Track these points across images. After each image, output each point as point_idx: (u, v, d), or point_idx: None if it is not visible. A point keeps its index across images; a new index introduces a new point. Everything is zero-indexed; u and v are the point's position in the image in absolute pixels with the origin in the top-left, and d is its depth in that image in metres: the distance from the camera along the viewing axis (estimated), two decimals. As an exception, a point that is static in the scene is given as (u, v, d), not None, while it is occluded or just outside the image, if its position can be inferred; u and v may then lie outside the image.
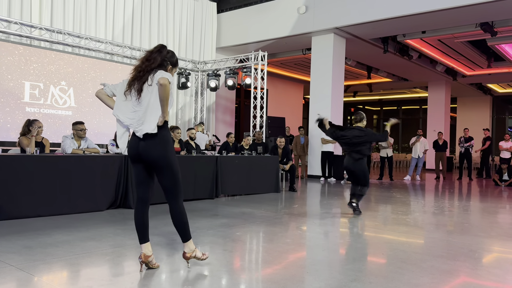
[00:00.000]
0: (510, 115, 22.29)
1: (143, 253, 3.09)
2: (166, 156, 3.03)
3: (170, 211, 3.12)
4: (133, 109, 3.03)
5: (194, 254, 3.17)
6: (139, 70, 3.03)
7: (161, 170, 3.05)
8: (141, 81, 2.99)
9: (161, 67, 3.06)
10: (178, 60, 3.24)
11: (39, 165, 5.17)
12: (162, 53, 3.08)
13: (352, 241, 4.43)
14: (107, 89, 3.19)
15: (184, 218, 3.13)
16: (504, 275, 3.31)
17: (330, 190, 9.38)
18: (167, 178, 3.06)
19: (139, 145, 3.03)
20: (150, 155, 3.02)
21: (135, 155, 3.08)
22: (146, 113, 2.98)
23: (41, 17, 9.48)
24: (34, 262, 3.27)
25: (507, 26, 11.02)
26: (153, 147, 3.00)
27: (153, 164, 3.06)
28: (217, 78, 12.48)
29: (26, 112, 8.77)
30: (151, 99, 2.97)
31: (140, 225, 3.13)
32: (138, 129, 3.01)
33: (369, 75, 16.68)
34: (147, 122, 2.97)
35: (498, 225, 5.60)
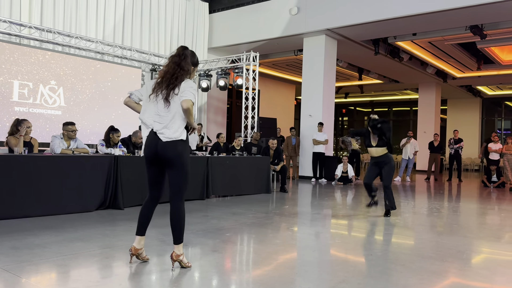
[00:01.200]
0: (499, 117, 22.53)
1: (133, 246, 3.23)
2: (182, 156, 3.13)
3: (171, 211, 3.18)
4: (158, 112, 3.13)
5: (181, 258, 3.19)
6: (171, 76, 3.11)
7: (175, 168, 3.13)
8: (169, 88, 3.09)
9: (188, 74, 3.18)
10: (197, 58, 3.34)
11: (27, 165, 5.11)
12: (189, 57, 3.18)
13: (342, 242, 4.44)
14: (134, 96, 3.31)
15: (182, 220, 3.20)
16: (491, 276, 3.34)
17: (321, 191, 9.40)
18: (179, 177, 3.15)
19: (157, 144, 3.11)
20: (167, 154, 3.10)
21: (153, 154, 3.15)
22: (172, 120, 3.09)
23: (30, 15, 9.38)
24: (21, 263, 3.23)
25: (496, 29, 11.13)
26: (171, 147, 3.09)
27: (168, 163, 3.14)
28: (209, 79, 12.45)
29: (15, 111, 8.68)
30: (177, 109, 3.09)
31: (144, 218, 3.27)
32: (161, 132, 3.10)
33: (360, 77, 16.76)
34: (172, 128, 3.08)
35: (487, 226, 5.65)
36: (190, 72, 3.21)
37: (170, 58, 3.20)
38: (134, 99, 3.30)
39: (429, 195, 9.49)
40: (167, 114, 3.09)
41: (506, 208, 7.52)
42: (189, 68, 3.18)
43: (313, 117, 12.12)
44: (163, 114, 3.11)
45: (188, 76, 3.20)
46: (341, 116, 26.99)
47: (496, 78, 17.51)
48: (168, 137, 3.08)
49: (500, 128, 22.36)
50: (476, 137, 22.09)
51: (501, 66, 15.65)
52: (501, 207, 7.60)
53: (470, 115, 22.38)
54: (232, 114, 17.57)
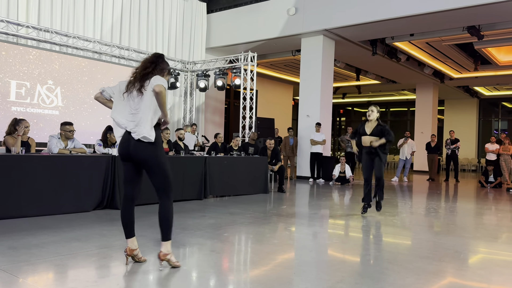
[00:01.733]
0: (496, 118, 22.60)
1: (128, 247, 3.23)
2: (155, 156, 3.13)
3: (159, 207, 3.19)
4: (131, 111, 3.15)
5: (168, 257, 3.16)
6: (141, 69, 3.17)
7: (151, 169, 3.15)
8: (140, 84, 3.11)
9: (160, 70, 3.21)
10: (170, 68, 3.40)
11: (25, 165, 5.10)
12: (165, 61, 3.26)
13: (339, 242, 4.45)
14: (105, 93, 3.30)
15: (170, 217, 3.19)
16: (488, 276, 3.35)
17: (319, 191, 9.41)
18: (158, 177, 3.16)
19: (130, 144, 3.13)
20: (139, 155, 3.13)
21: (126, 153, 3.18)
22: (143, 115, 3.09)
23: (28, 15, 9.36)
24: (19, 263, 3.22)
25: (493, 30, 11.17)
26: (143, 147, 3.10)
27: (143, 164, 3.17)
28: (207, 79, 12.45)
29: (12, 111, 8.65)
30: (147, 103, 3.10)
31: (127, 222, 3.26)
32: (134, 130, 3.11)
33: (358, 77, 16.79)
34: (143, 124, 3.08)
35: (484, 227, 5.67)
36: (163, 71, 3.23)
37: (145, 59, 3.27)
38: (105, 96, 3.30)
39: (426, 195, 9.51)
40: (138, 110, 3.11)
41: (503, 208, 7.54)
42: (162, 67, 3.21)
43: (310, 117, 12.13)
44: (135, 112, 3.13)
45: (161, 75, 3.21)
46: (339, 117, 27.03)
47: (493, 78, 17.56)
48: (139, 134, 3.07)
49: (497, 129, 22.43)
50: (473, 138, 22.15)
51: (498, 66, 15.70)
52: (498, 207, 7.62)
53: (467, 116, 22.45)
54: (230, 114, 17.56)
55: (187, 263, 3.47)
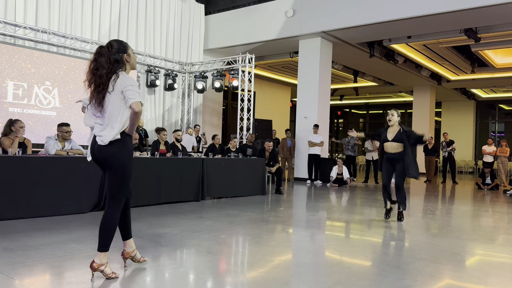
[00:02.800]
0: (493, 120, 22.67)
1: (124, 250, 3.18)
2: (117, 156, 2.90)
3: (104, 215, 2.97)
4: (96, 115, 2.97)
5: (102, 268, 2.92)
6: (94, 78, 2.90)
7: (111, 170, 2.92)
8: (101, 94, 2.88)
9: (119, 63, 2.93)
10: (126, 43, 3.03)
11: (21, 166, 5.08)
12: (106, 54, 2.91)
13: (336, 244, 4.45)
14: (85, 104, 3.11)
15: (112, 227, 2.95)
16: (485, 278, 3.36)
17: (316, 193, 9.41)
18: (114, 180, 2.92)
19: (94, 145, 2.95)
20: (102, 155, 2.91)
21: (93, 157, 2.99)
22: (109, 121, 2.88)
23: (25, 16, 9.34)
24: (15, 264, 3.21)
25: (490, 32, 11.22)
26: (105, 147, 2.89)
27: (105, 164, 2.94)
28: (204, 80, 12.45)
29: (9, 112, 8.63)
30: (113, 108, 2.87)
31: (122, 224, 3.16)
32: (99, 134, 2.91)
33: (356, 79, 16.82)
34: (108, 130, 2.87)
35: (481, 228, 5.68)
36: (122, 62, 2.96)
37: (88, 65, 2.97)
38: (85, 106, 3.08)
39: (423, 197, 9.52)
40: (104, 115, 2.92)
41: (500, 210, 7.56)
42: (115, 59, 2.91)
43: (308, 119, 12.15)
44: (101, 115, 2.94)
45: (125, 66, 2.98)
46: (336, 118, 27.05)
47: (490, 81, 17.63)
48: (103, 140, 2.87)
49: (494, 131, 22.50)
50: (470, 140, 22.21)
51: (495, 69, 15.76)
52: (495, 209, 7.64)
53: (464, 118, 22.51)
54: (228, 115, 17.57)
55: (184, 264, 3.47)
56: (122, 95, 2.87)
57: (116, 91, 2.88)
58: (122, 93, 2.86)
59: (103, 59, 2.89)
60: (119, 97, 2.88)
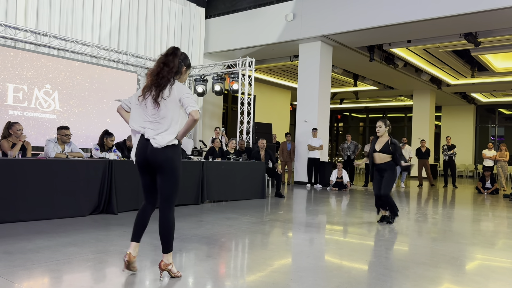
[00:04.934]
0: (493, 124, 22.68)
1: (129, 253, 3.05)
2: (173, 160, 3.01)
3: (160, 219, 3.06)
4: (147, 118, 3.01)
5: (169, 268, 3.07)
6: (156, 75, 2.98)
7: (165, 174, 3.01)
8: (159, 89, 2.96)
9: (178, 73, 3.05)
10: (190, 61, 3.21)
11: (21, 169, 5.08)
12: (178, 56, 3.05)
13: (336, 248, 4.44)
14: (124, 104, 3.19)
15: (172, 229, 3.08)
16: (485, 282, 3.35)
17: (316, 197, 9.40)
18: (169, 183, 3.03)
19: (147, 149, 3.00)
20: (157, 158, 2.98)
21: (144, 159, 3.03)
22: (164, 127, 2.97)
23: (26, 19, 9.36)
24: (14, 268, 3.20)
25: (490, 37, 11.24)
26: (161, 150, 2.97)
27: (158, 167, 3.02)
28: (205, 84, 12.47)
29: (9, 115, 8.63)
30: (169, 113, 2.96)
31: (140, 223, 3.15)
32: (153, 138, 2.98)
33: (356, 83, 16.84)
34: (164, 135, 2.96)
35: (481, 233, 5.67)
36: (180, 72, 3.08)
37: (158, 58, 3.08)
38: (123, 106, 3.18)
39: (423, 201, 9.51)
40: (158, 120, 2.98)
41: (500, 214, 7.55)
42: (177, 66, 3.02)
43: (308, 123, 12.15)
44: (154, 120, 2.99)
45: (178, 76, 3.07)
46: (336, 122, 27.07)
47: (490, 85, 17.65)
48: (159, 143, 2.96)
49: (494, 135, 22.51)
50: (470, 144, 22.22)
51: (495, 73, 15.78)
52: (495, 214, 7.63)
53: (464, 122, 22.53)
54: (228, 119, 17.58)
55: (183, 268, 3.46)
56: (180, 102, 2.96)
57: (172, 98, 2.96)
58: (180, 101, 2.96)
59: (175, 59, 3.02)
60: (177, 104, 2.97)
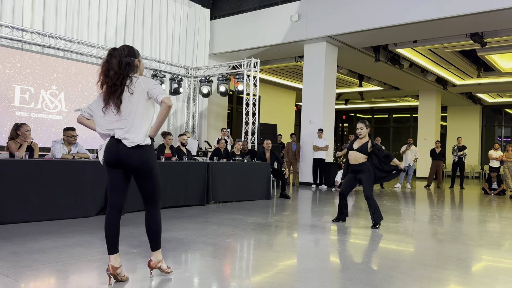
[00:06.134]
0: (500, 125, 22.53)
1: (111, 265, 2.91)
2: (148, 162, 2.94)
3: (146, 218, 3.06)
4: (112, 119, 2.91)
5: (159, 265, 3.11)
6: (107, 80, 2.88)
7: (143, 176, 2.96)
8: (117, 94, 2.86)
9: (130, 66, 2.93)
10: (137, 50, 3.05)
11: (28, 170, 5.11)
12: (117, 56, 2.91)
13: (342, 249, 4.43)
14: (84, 112, 3.06)
15: (158, 227, 3.07)
16: (492, 284, 3.33)
17: (321, 198, 9.39)
18: (149, 184, 2.99)
19: (119, 149, 2.89)
20: (132, 161, 2.90)
21: (114, 160, 2.92)
22: (133, 122, 2.87)
23: (32, 20, 9.43)
24: (21, 268, 3.22)
25: (496, 37, 11.17)
26: (135, 152, 2.89)
27: (135, 170, 2.95)
28: (210, 84, 12.49)
29: (16, 116, 8.69)
30: (134, 108, 2.87)
31: (111, 235, 2.97)
32: (124, 137, 2.87)
33: (361, 83, 16.80)
34: (135, 132, 2.86)
35: (487, 234, 5.64)
36: (134, 66, 2.95)
37: (100, 66, 2.95)
38: (84, 115, 3.05)
39: (430, 202, 9.47)
40: (123, 117, 2.87)
41: (507, 215, 7.50)
42: (127, 62, 2.90)
43: (313, 123, 12.14)
44: (119, 118, 2.88)
45: (133, 71, 2.95)
46: (341, 123, 27.01)
47: (496, 85, 17.54)
48: (132, 141, 2.84)
49: (500, 136, 22.37)
50: (477, 145, 22.09)
51: (501, 73, 15.68)
52: (502, 215, 7.58)
53: (470, 123, 22.40)
54: (233, 120, 17.59)
55: (189, 269, 3.47)
56: (148, 94, 2.90)
57: (138, 92, 2.89)
58: (147, 93, 2.89)
59: (114, 61, 2.90)
60: (144, 97, 2.89)
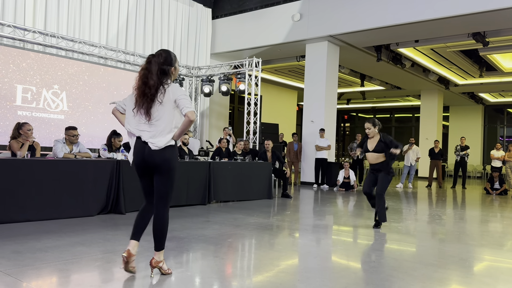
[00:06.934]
0: (502, 124, 22.49)
1: (128, 249, 3.03)
2: (170, 161, 3.06)
3: (154, 217, 3.12)
4: (142, 121, 3.05)
5: (160, 265, 3.15)
6: (144, 87, 2.99)
7: (162, 174, 3.06)
8: (149, 99, 2.99)
9: (166, 75, 3.04)
10: (174, 55, 3.15)
11: (30, 169, 5.12)
12: (155, 63, 3.02)
13: (343, 249, 4.43)
14: (119, 106, 3.24)
15: (165, 227, 3.12)
16: (494, 284, 3.32)
17: (323, 197, 9.38)
18: (165, 183, 3.08)
19: (145, 150, 3.04)
20: (155, 159, 3.03)
21: (141, 161, 3.07)
22: (159, 129, 3.00)
23: (34, 20, 9.44)
24: (23, 267, 3.23)
25: (498, 36, 11.14)
26: (158, 152, 3.02)
27: (155, 167, 3.06)
28: (211, 84, 12.49)
29: (18, 115, 8.71)
30: (164, 115, 3.00)
31: (140, 222, 3.16)
32: (150, 141, 3.02)
33: (363, 83, 16.78)
34: (160, 137, 3.01)
35: (489, 234, 5.63)
36: (168, 74, 3.06)
37: (139, 72, 3.07)
38: (118, 108, 3.23)
39: (431, 202, 9.46)
40: (153, 122, 3.02)
41: (509, 215, 7.49)
42: (166, 70, 3.03)
43: (315, 123, 12.13)
44: (149, 123, 3.03)
45: (167, 78, 3.06)
46: (343, 122, 26.99)
47: (498, 85, 17.50)
48: (157, 146, 3.00)
49: (502, 136, 22.32)
50: (479, 144, 22.05)
51: (503, 73, 15.65)
52: (504, 215, 7.57)
53: (472, 122, 22.36)
54: (234, 119, 17.59)
55: (190, 268, 3.47)
56: (175, 104, 3.00)
57: (167, 101, 3.00)
58: (175, 102, 3.00)
59: (154, 68, 3.01)
60: (172, 106, 3.01)
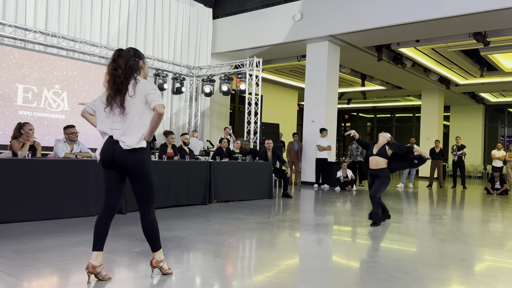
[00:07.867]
0: (502, 124, 22.47)
1: (90, 263, 2.92)
2: (143, 163, 2.97)
3: (142, 220, 3.07)
4: (114, 119, 2.97)
5: (161, 265, 3.12)
6: (114, 78, 2.94)
7: (137, 177, 2.99)
8: (122, 93, 2.92)
9: (135, 70, 2.99)
10: (142, 53, 3.13)
11: (31, 169, 5.12)
12: (124, 56, 2.99)
13: (344, 249, 4.43)
14: (88, 108, 3.11)
15: (155, 228, 3.08)
16: (495, 284, 3.32)
17: (324, 197, 9.38)
18: (142, 186, 3.01)
19: (115, 150, 2.94)
20: (126, 162, 2.94)
21: (110, 160, 2.97)
22: (130, 125, 2.92)
23: (35, 20, 9.45)
24: (24, 267, 3.23)
25: (499, 36, 11.14)
26: (130, 153, 2.93)
27: (129, 171, 2.99)
28: (212, 84, 12.50)
29: (19, 115, 8.72)
30: (133, 110, 2.93)
31: (99, 232, 3.03)
32: (121, 139, 2.92)
33: (363, 83, 16.77)
34: (131, 135, 2.92)
35: (490, 234, 5.63)
36: (137, 68, 3.02)
37: (107, 67, 3.01)
38: (88, 110, 3.11)
39: (432, 201, 9.46)
40: (124, 119, 2.94)
41: (509, 215, 7.49)
42: (129, 65, 2.96)
43: (315, 123, 12.13)
44: (121, 120, 2.95)
45: (138, 73, 3.01)
46: (344, 122, 26.98)
47: (499, 85, 17.49)
48: (128, 145, 2.90)
49: (503, 135, 22.30)
50: (479, 144, 22.03)
51: (504, 73, 15.64)
52: (504, 215, 7.57)
53: (473, 122, 22.35)
54: (235, 119, 17.59)
55: (191, 268, 3.47)
56: (145, 99, 2.93)
57: (138, 95, 2.93)
58: (145, 97, 2.93)
59: (121, 61, 2.97)
60: (142, 101, 2.93)
